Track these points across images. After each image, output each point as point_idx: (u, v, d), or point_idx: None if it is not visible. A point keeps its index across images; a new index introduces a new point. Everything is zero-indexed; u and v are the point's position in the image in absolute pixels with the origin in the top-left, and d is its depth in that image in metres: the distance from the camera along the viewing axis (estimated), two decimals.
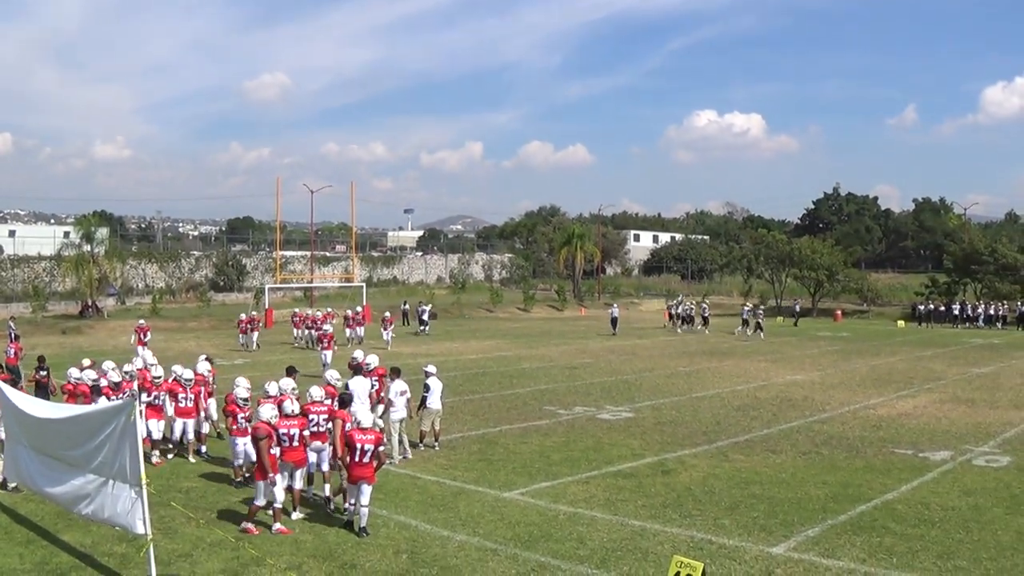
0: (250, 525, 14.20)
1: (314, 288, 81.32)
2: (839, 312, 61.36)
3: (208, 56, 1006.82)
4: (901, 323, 71.45)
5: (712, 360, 41.48)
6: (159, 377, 20.42)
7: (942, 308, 73.67)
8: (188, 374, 20.12)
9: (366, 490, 14.03)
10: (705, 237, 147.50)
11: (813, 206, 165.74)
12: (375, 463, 14.27)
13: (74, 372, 20.14)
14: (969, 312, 71.44)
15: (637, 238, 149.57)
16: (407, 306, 62.54)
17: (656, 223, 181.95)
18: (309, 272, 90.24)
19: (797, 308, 76.10)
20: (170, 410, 19.75)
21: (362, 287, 74.09)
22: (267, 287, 71.08)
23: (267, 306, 65.29)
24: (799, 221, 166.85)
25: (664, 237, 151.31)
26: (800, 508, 15.64)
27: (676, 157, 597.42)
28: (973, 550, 13.80)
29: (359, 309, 51.86)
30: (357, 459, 14.10)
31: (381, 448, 14.54)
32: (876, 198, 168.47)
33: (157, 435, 19.56)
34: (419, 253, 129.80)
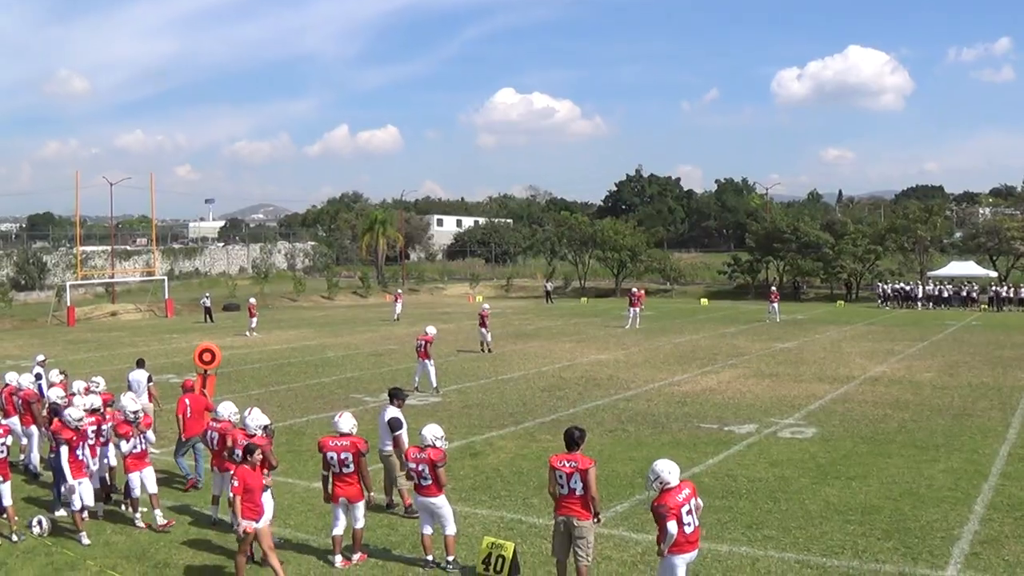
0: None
1: (115, 284, 78.61)
2: (642, 292, 62.67)
3: (3, 51, 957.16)
4: (704, 301, 73.73)
5: (518, 342, 41.91)
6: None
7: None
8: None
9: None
10: (508, 221, 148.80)
11: (616, 188, 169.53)
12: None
13: None
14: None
15: (440, 223, 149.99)
16: (208, 300, 61.02)
17: (459, 207, 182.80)
18: (110, 267, 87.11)
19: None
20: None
21: (163, 280, 72.69)
22: (68, 284, 68.26)
23: (68, 304, 62.81)
24: (602, 203, 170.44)
25: (468, 221, 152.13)
26: (608, 484, 15.91)
27: (479, 142, 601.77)
28: (781, 519, 14.38)
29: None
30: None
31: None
32: (679, 179, 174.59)
33: None
34: (221, 244, 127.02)
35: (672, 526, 9.95)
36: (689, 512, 10.16)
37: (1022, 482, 16.64)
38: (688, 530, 10.13)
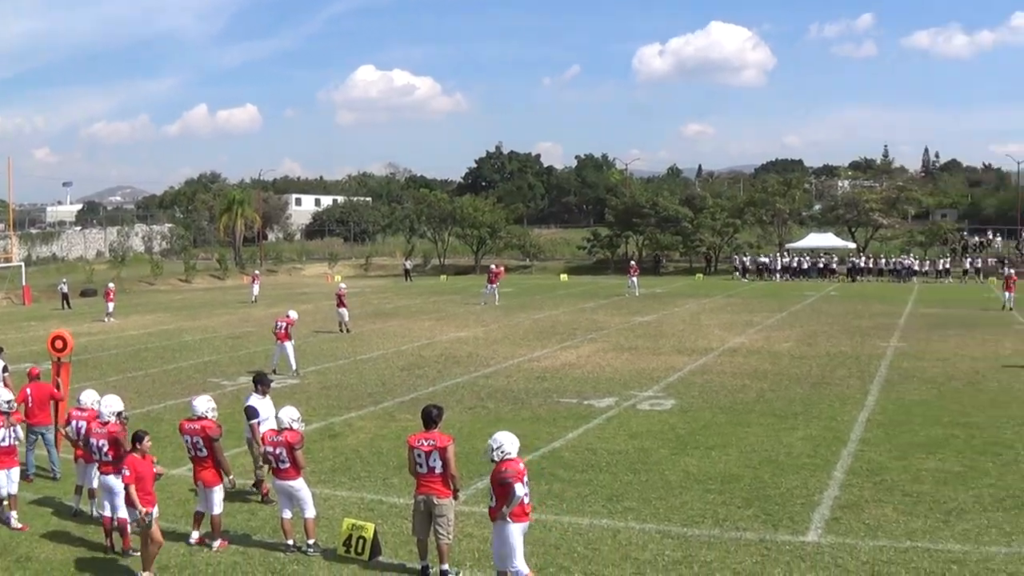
0: None
1: None
2: (501, 268, 62.83)
3: None
4: (564, 277, 74.12)
5: (377, 322, 41.45)
6: None
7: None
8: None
9: None
10: (368, 199, 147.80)
11: (476, 165, 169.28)
12: None
13: None
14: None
15: (299, 202, 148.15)
16: (65, 287, 58.84)
17: (318, 186, 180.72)
18: None
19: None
20: None
21: (21, 267, 70.08)
22: None
23: None
24: (462, 180, 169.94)
25: (326, 200, 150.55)
26: (468, 462, 15.66)
27: (339, 120, 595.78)
28: (642, 491, 14.39)
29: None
30: None
31: None
32: (539, 155, 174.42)
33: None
34: (78, 228, 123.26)
35: (520, 488, 10.14)
36: (526, 483, 10.34)
37: (880, 447, 16.99)
38: (527, 500, 10.33)
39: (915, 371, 25.74)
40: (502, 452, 10.38)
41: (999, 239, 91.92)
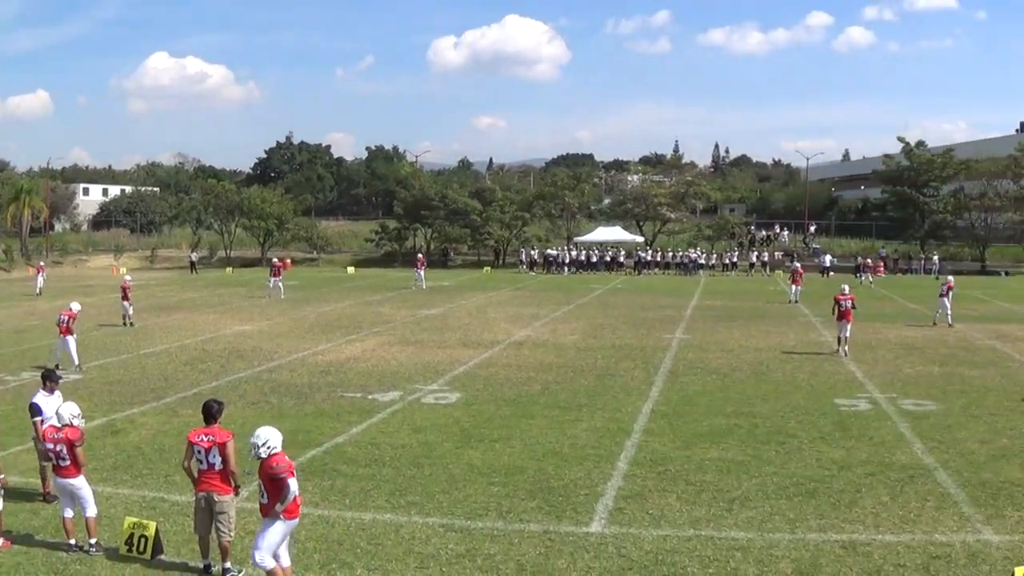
0: None
1: None
2: (286, 261, 61.96)
3: None
4: (351, 270, 73.59)
5: (161, 315, 40.23)
6: None
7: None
8: None
9: None
10: (155, 189, 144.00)
11: (266, 155, 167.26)
12: None
13: None
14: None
15: (87, 192, 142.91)
16: None
17: (107, 176, 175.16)
18: None
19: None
20: None
21: None
22: None
23: None
24: (251, 171, 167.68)
25: (114, 190, 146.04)
26: (245, 459, 15.26)
27: (130, 108, 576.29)
28: (425, 485, 14.24)
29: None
30: None
31: None
32: (329, 147, 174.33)
33: None
34: None
35: (293, 483, 10.10)
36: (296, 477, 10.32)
37: (664, 438, 17.26)
38: (297, 496, 10.31)
39: (699, 362, 26.38)
40: (268, 448, 10.23)
41: (786, 233, 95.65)
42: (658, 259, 75.53)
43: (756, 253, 76.31)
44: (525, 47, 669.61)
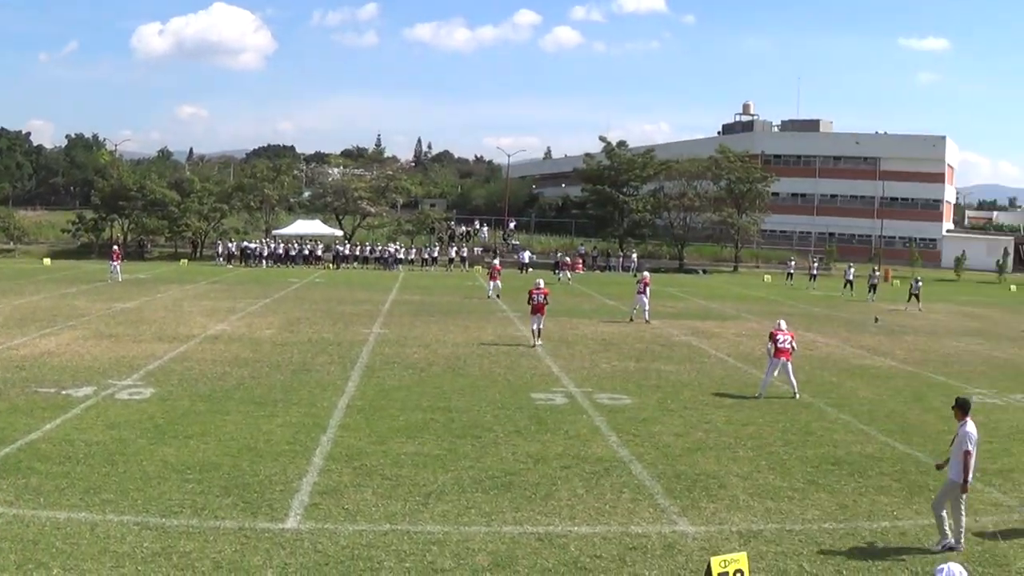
0: None
1: None
2: None
3: None
4: (47, 261, 70.61)
5: None
6: None
7: None
8: None
9: None
10: None
11: None
12: None
13: None
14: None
15: None
16: None
17: None
18: None
19: None
20: None
21: None
22: None
23: None
24: None
25: None
26: None
27: None
28: (120, 482, 14.01)
29: None
30: None
31: None
32: (29, 134, 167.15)
33: None
34: None
35: None
36: None
37: (360, 432, 17.57)
38: None
39: (397, 357, 26.83)
40: None
41: (486, 229, 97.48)
42: (357, 253, 75.86)
43: (456, 248, 77.60)
44: (230, 36, 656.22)
